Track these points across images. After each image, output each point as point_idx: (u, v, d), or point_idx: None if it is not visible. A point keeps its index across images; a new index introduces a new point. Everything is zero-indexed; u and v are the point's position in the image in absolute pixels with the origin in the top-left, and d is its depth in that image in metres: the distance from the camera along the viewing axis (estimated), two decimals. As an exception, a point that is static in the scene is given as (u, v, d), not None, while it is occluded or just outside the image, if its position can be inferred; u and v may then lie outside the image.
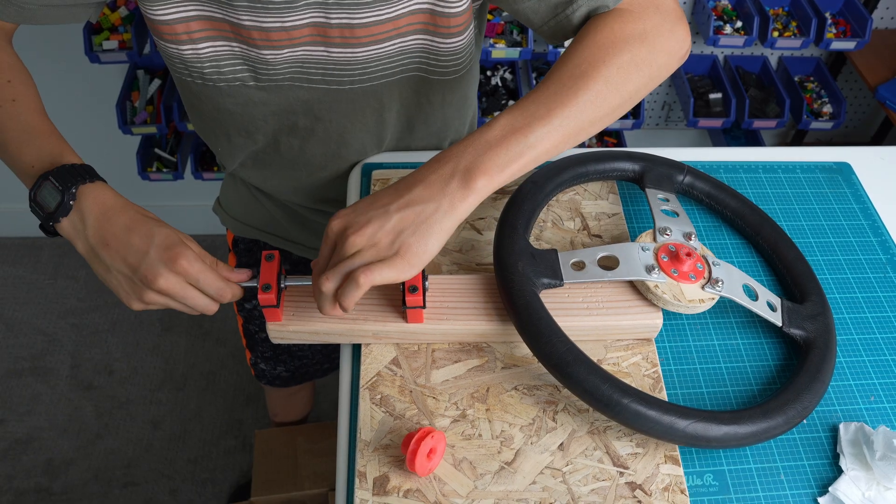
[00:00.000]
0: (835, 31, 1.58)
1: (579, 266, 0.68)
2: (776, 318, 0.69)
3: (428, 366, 0.68)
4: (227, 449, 1.73)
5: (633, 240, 0.73)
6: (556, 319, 0.62)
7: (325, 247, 0.62)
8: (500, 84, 1.70)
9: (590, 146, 1.78)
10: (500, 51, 1.50)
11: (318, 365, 1.27)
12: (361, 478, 0.61)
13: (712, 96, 1.67)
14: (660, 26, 0.67)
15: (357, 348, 0.70)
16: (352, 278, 0.58)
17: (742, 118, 1.61)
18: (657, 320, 0.68)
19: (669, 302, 0.67)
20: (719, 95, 1.67)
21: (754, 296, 0.69)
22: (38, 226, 0.68)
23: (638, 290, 0.69)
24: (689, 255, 0.68)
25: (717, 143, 1.88)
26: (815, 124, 1.67)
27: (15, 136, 0.70)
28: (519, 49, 1.50)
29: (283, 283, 0.67)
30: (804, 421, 0.65)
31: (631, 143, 1.88)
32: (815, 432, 0.66)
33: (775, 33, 1.56)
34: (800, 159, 0.90)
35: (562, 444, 0.63)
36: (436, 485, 0.61)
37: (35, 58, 0.81)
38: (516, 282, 0.64)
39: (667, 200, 0.75)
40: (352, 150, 0.87)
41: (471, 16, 0.76)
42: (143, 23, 1.46)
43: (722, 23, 1.57)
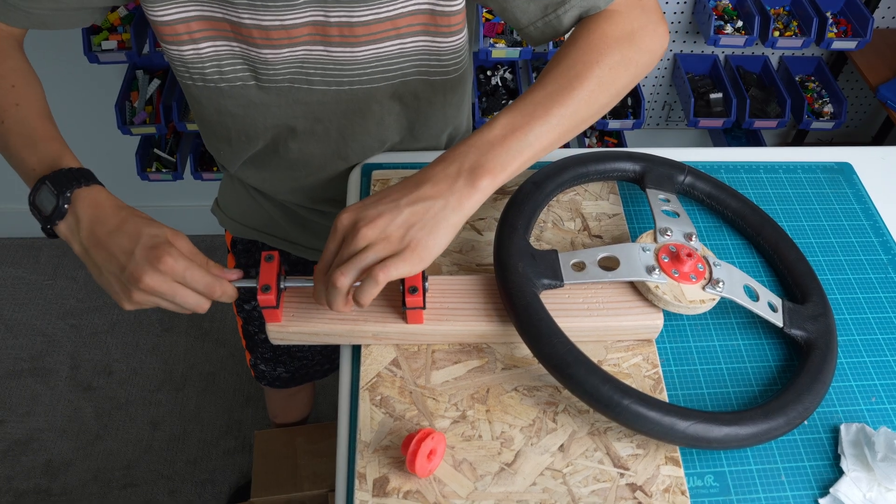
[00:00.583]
0: (836, 30, 1.58)
1: (580, 267, 0.68)
2: (777, 319, 0.69)
3: (428, 367, 0.68)
4: (227, 450, 1.73)
5: (633, 240, 0.73)
6: (556, 320, 0.62)
7: (333, 241, 0.62)
8: (500, 84, 1.69)
9: (590, 146, 1.77)
10: (501, 50, 1.50)
11: (318, 366, 1.27)
12: (361, 479, 0.61)
13: (713, 96, 1.66)
14: (645, 27, 0.70)
15: (357, 349, 0.70)
16: (370, 275, 0.59)
17: (743, 118, 1.61)
18: (658, 321, 0.67)
19: (670, 303, 0.66)
20: (720, 95, 1.66)
21: (755, 296, 0.69)
22: (40, 227, 0.68)
23: (638, 290, 0.68)
24: (689, 255, 0.67)
25: (717, 143, 1.88)
26: (816, 124, 1.66)
27: (18, 141, 0.71)
28: (519, 49, 1.50)
29: (282, 285, 0.67)
30: (805, 422, 0.65)
31: (631, 143, 1.88)
32: (816, 433, 0.66)
33: (776, 33, 1.56)
34: (801, 159, 0.90)
35: (562, 446, 0.63)
36: (436, 486, 0.60)
37: (34, 58, 0.81)
38: (516, 282, 0.64)
39: (667, 201, 0.75)
40: (351, 151, 0.87)
41: (465, 12, 0.76)
42: (142, 23, 1.46)
43: (723, 22, 1.57)
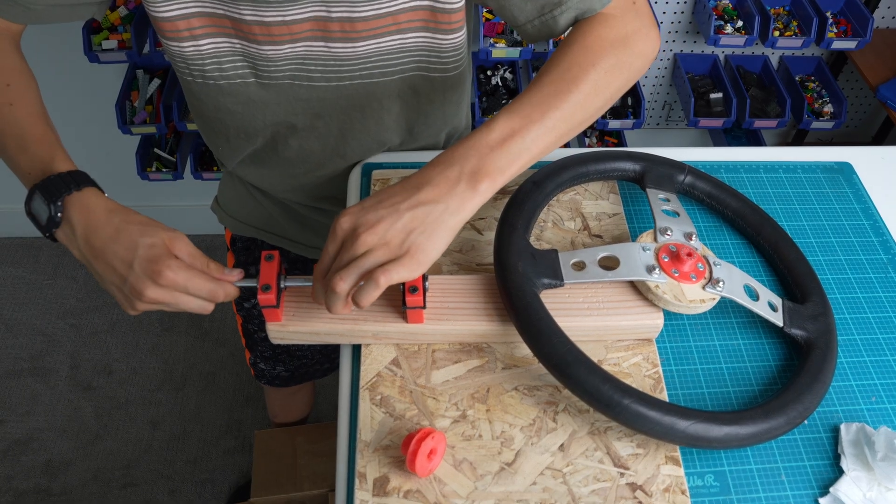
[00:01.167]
0: (836, 30, 1.58)
1: (580, 266, 0.68)
2: (777, 319, 0.68)
3: (428, 366, 0.68)
4: (227, 449, 1.73)
5: (633, 240, 0.73)
6: (556, 320, 0.61)
7: (332, 245, 0.62)
8: (500, 84, 1.69)
9: (590, 146, 1.77)
10: (501, 50, 1.50)
11: (318, 365, 1.27)
12: (361, 478, 0.61)
13: (713, 96, 1.66)
14: (639, 30, 0.70)
15: (357, 349, 0.70)
16: (371, 279, 0.59)
17: (743, 118, 1.61)
18: (658, 321, 0.67)
19: (670, 302, 0.66)
20: (720, 95, 1.66)
21: (755, 296, 0.69)
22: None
23: (639, 290, 0.68)
24: (689, 255, 0.67)
25: (717, 142, 1.88)
26: (816, 124, 1.66)
27: (11, 143, 0.70)
28: (519, 49, 1.50)
29: (282, 284, 0.67)
30: (805, 421, 0.65)
31: (631, 143, 1.88)
32: (817, 433, 0.66)
33: (776, 33, 1.56)
34: (801, 159, 0.90)
35: (562, 445, 0.63)
36: (436, 485, 0.60)
37: (34, 57, 0.80)
38: (516, 282, 0.64)
39: (667, 200, 0.75)
40: (350, 149, 0.87)
41: (465, 9, 0.76)
42: (143, 22, 1.46)
43: (723, 22, 1.57)
